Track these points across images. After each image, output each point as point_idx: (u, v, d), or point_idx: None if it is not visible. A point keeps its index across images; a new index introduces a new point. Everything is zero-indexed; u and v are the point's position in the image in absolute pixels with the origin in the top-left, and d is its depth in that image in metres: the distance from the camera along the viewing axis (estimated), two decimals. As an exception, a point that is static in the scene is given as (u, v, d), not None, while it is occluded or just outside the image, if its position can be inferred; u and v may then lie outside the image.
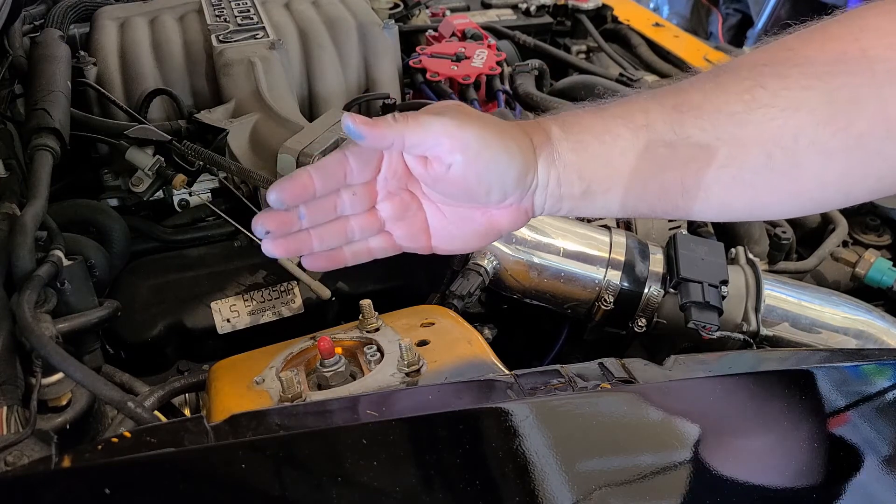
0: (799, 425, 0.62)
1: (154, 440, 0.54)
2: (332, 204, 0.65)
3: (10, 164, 1.01)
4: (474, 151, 0.61)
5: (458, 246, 0.70)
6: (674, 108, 0.61)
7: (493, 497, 0.53)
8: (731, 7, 3.70)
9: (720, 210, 0.64)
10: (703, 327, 0.88)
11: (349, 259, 0.68)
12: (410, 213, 0.67)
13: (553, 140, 0.64)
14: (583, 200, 0.65)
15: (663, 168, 0.61)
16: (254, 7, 1.35)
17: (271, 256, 0.65)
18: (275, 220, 0.63)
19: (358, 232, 0.67)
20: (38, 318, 0.73)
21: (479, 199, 0.64)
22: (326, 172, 0.63)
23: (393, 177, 0.66)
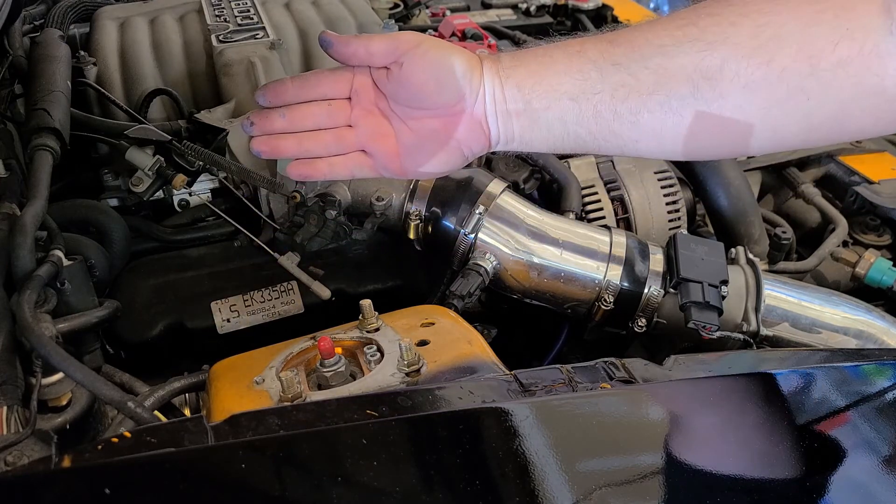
0: (798, 425, 0.62)
1: (154, 440, 0.54)
2: (309, 111, 0.73)
3: (10, 164, 1.01)
4: (423, 48, 0.69)
5: (425, 163, 0.74)
6: (608, 42, 0.67)
7: (493, 497, 0.53)
8: (731, 7, 3.70)
9: (655, 140, 0.67)
10: (703, 327, 0.88)
11: (326, 169, 0.74)
12: (382, 129, 0.73)
13: (499, 58, 0.71)
14: (528, 119, 0.69)
15: (595, 90, 0.66)
16: (254, 7, 1.35)
17: (257, 154, 0.74)
18: (258, 114, 0.73)
19: (333, 143, 0.73)
20: (38, 318, 0.73)
21: (432, 95, 0.70)
22: (304, 81, 0.73)
23: (363, 91, 0.72)
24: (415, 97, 0.70)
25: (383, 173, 0.75)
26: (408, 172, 0.75)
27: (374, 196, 0.96)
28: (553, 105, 0.68)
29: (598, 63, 0.66)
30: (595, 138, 0.68)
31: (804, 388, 0.65)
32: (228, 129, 1.03)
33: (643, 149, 0.69)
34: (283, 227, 0.95)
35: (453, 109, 0.71)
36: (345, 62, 0.72)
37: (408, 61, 0.69)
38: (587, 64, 0.66)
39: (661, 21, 0.66)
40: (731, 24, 0.61)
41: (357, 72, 0.72)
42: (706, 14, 0.62)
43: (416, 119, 0.72)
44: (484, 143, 0.72)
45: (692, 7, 0.65)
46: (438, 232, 0.97)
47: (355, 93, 0.72)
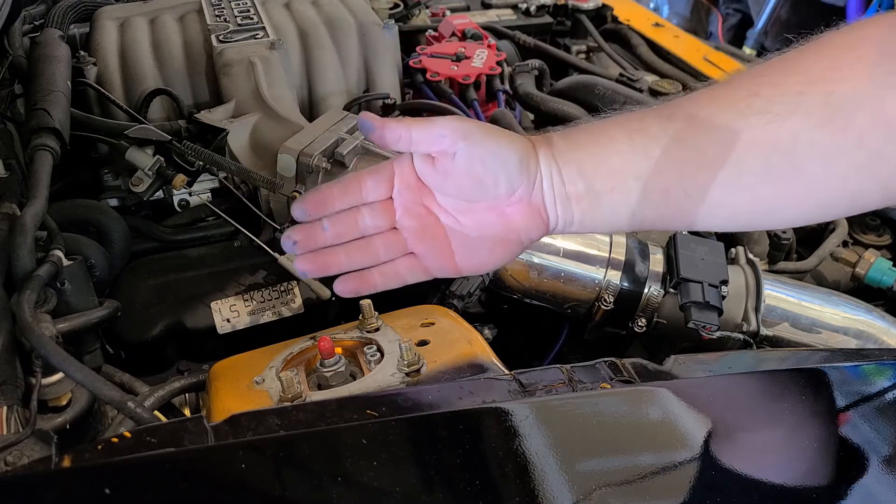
0: (799, 425, 0.62)
1: (154, 440, 0.54)
2: (354, 219, 0.68)
3: (10, 164, 1.01)
4: (476, 138, 0.64)
5: (482, 259, 0.70)
6: (668, 118, 0.63)
7: (493, 497, 0.53)
8: (731, 7, 3.70)
9: (726, 216, 0.64)
10: (703, 327, 0.88)
11: (379, 282, 0.69)
12: (430, 227, 0.69)
13: (552, 140, 0.67)
14: (590, 203, 0.65)
15: (661, 169, 0.62)
16: (254, 7, 1.35)
17: (303, 275, 0.70)
18: (300, 231, 0.68)
19: (383, 250, 0.69)
20: (38, 318, 0.73)
21: (488, 189, 0.66)
22: (344, 186, 0.69)
23: (407, 189, 0.68)
24: (467, 190, 0.66)
25: (438, 274, 0.70)
26: (464, 271, 0.70)
27: (374, 196, 0.96)
28: (618, 186, 0.64)
29: (662, 140, 0.62)
30: (663, 218, 0.65)
31: (804, 388, 0.65)
32: (228, 129, 1.03)
33: (715, 224, 0.66)
34: (283, 227, 0.95)
35: (510, 200, 0.66)
36: (387, 147, 0.67)
37: (460, 152, 0.64)
38: (650, 141, 0.62)
39: (717, 91, 0.63)
40: (797, 93, 0.58)
41: (398, 167, 0.68)
42: (767, 84, 0.60)
43: (469, 213, 0.67)
44: (543, 229, 0.68)
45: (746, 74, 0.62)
46: (438, 232, 0.97)
47: (398, 191, 0.68)
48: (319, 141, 0.93)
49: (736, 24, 3.67)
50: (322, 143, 0.92)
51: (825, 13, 3.27)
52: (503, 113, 1.28)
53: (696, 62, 1.58)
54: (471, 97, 1.33)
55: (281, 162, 0.93)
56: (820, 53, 0.59)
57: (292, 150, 0.92)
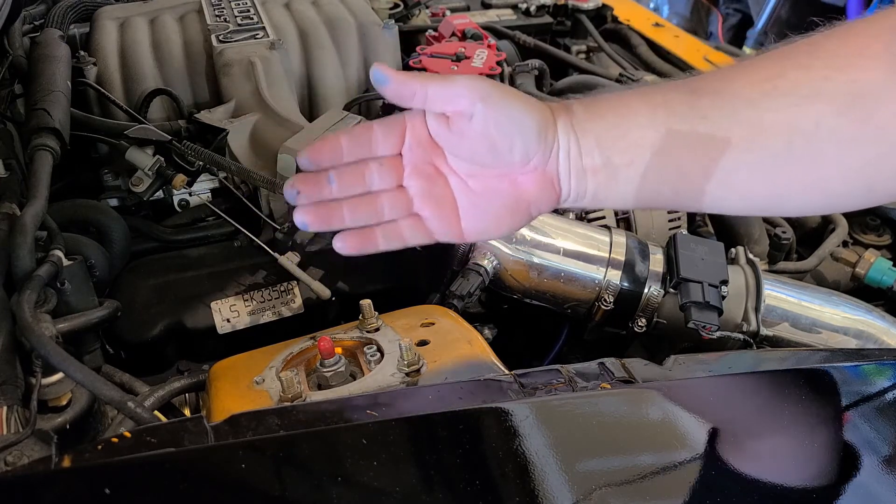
0: (799, 425, 0.62)
1: (154, 440, 0.54)
2: (361, 174, 0.65)
3: (10, 164, 1.01)
4: (494, 100, 0.62)
5: (489, 225, 0.67)
6: (692, 92, 0.62)
7: (493, 497, 0.53)
8: (731, 7, 3.70)
9: (743, 199, 0.63)
10: (703, 327, 0.88)
11: (381, 242, 0.66)
12: (437, 189, 0.66)
13: (572, 109, 0.65)
14: (605, 176, 0.63)
15: (682, 146, 0.61)
16: (254, 7, 1.35)
17: (304, 228, 0.65)
18: (305, 181, 0.64)
19: (387, 208, 0.66)
20: (38, 318, 0.73)
21: (503, 154, 0.63)
22: (354, 137, 0.65)
23: (418, 146, 0.65)
24: (481, 154, 0.64)
25: (442, 239, 0.67)
26: (469, 237, 0.67)
27: (374, 196, 0.96)
28: (636, 161, 0.62)
29: (686, 116, 0.60)
30: (679, 196, 0.64)
31: (804, 388, 0.65)
32: (228, 129, 1.03)
33: (728, 206, 0.65)
34: (283, 227, 0.95)
35: (524, 168, 0.64)
36: (400, 102, 0.64)
37: (477, 114, 0.61)
38: (672, 116, 0.61)
39: (743, 69, 0.61)
40: (824, 77, 0.57)
41: (410, 121, 0.65)
42: (794, 66, 0.59)
43: (480, 177, 0.65)
44: (553, 200, 0.66)
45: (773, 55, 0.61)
46: (438, 232, 0.97)
47: (408, 148, 0.65)
48: (319, 141, 0.93)
49: (736, 24, 3.67)
50: (322, 143, 0.92)
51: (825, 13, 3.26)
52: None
53: (696, 62, 1.58)
54: (471, 97, 1.32)
55: (281, 162, 0.93)
56: (846, 40, 0.59)
57: (292, 150, 0.92)
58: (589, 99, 0.66)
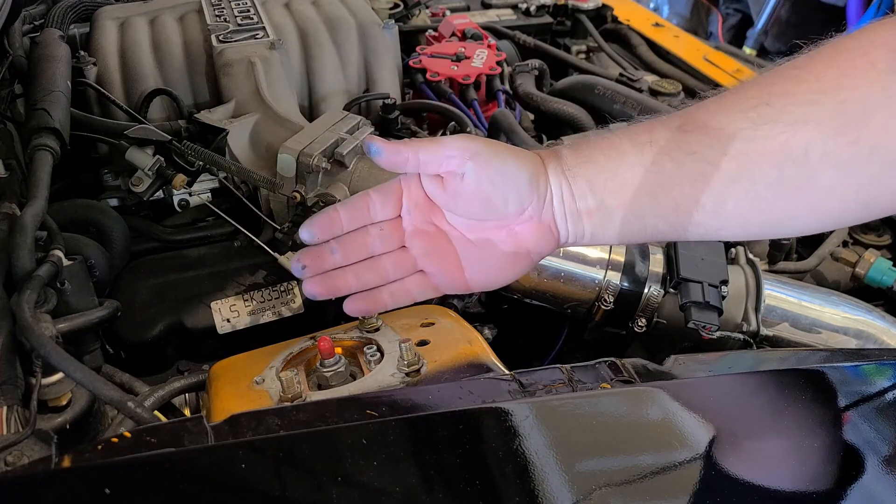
0: (799, 425, 0.62)
1: (154, 440, 0.54)
2: (362, 240, 0.68)
3: (10, 164, 1.01)
4: (484, 157, 0.64)
5: (493, 275, 0.69)
6: (678, 129, 0.62)
7: (493, 497, 0.53)
8: (731, 7, 3.71)
9: (740, 226, 0.63)
10: (703, 327, 0.88)
11: (388, 301, 0.69)
12: (439, 245, 0.68)
13: (561, 155, 0.66)
14: (601, 218, 0.65)
15: (673, 182, 0.61)
16: (254, 7, 1.35)
17: (312, 297, 0.68)
18: (309, 254, 0.67)
19: (392, 269, 0.68)
20: (38, 318, 0.73)
21: (498, 209, 0.65)
22: (352, 206, 0.68)
23: (415, 208, 0.68)
24: (477, 210, 0.66)
25: (447, 291, 0.70)
26: (474, 287, 0.69)
27: (374, 196, 0.96)
28: (629, 201, 0.63)
29: (673, 153, 0.61)
30: (675, 229, 0.64)
31: (804, 388, 0.65)
32: (228, 129, 1.03)
33: (726, 235, 0.65)
34: (283, 227, 0.95)
35: (520, 218, 0.66)
36: (394, 170, 0.66)
37: (468, 172, 0.64)
38: (661, 155, 0.62)
39: (728, 100, 0.61)
40: (809, 102, 0.57)
41: (406, 186, 0.68)
42: (778, 93, 0.59)
43: (479, 231, 0.67)
44: (553, 244, 0.68)
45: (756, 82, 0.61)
46: (438, 232, 0.97)
47: (407, 210, 0.68)
48: (319, 141, 0.93)
49: (736, 24, 3.67)
50: (322, 143, 0.92)
51: (825, 13, 3.28)
52: (503, 113, 1.28)
53: (696, 62, 1.58)
54: (471, 97, 1.33)
55: (281, 162, 0.93)
56: (831, 59, 0.58)
57: (292, 150, 0.92)
58: (577, 142, 0.67)
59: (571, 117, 1.32)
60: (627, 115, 1.31)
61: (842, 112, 0.56)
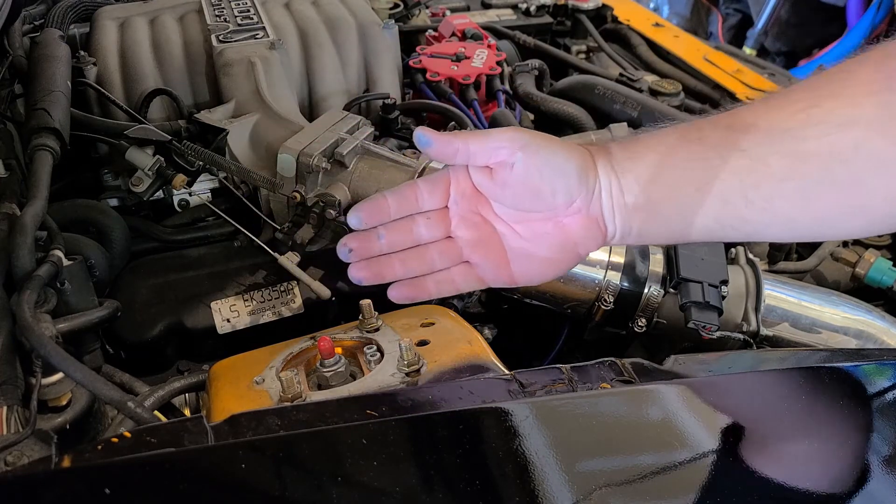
0: (798, 425, 0.62)
1: (154, 440, 0.54)
2: (409, 228, 0.69)
3: (10, 164, 1.01)
4: (533, 148, 0.64)
5: (539, 268, 0.69)
6: (727, 127, 0.62)
7: (493, 497, 0.53)
8: (731, 7, 3.71)
9: (785, 225, 0.63)
10: (703, 327, 0.88)
11: (433, 290, 0.70)
12: (485, 236, 0.69)
13: (609, 150, 0.67)
14: (649, 214, 0.65)
15: (721, 180, 0.62)
16: (254, 7, 1.35)
17: (358, 282, 0.69)
18: (356, 239, 0.68)
19: (438, 258, 0.69)
20: (38, 318, 0.73)
21: (546, 198, 0.65)
22: (400, 195, 0.69)
23: (462, 198, 0.68)
24: (525, 201, 0.66)
25: (493, 284, 0.70)
26: (519, 280, 0.70)
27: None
28: (677, 196, 0.64)
29: (722, 150, 0.62)
30: (722, 226, 0.64)
31: (804, 388, 0.65)
32: (228, 129, 1.03)
33: (773, 234, 0.66)
34: (283, 227, 0.95)
35: (568, 210, 0.66)
36: (444, 161, 0.67)
37: (518, 163, 0.64)
38: (710, 151, 0.62)
39: (775, 102, 0.62)
40: (857, 104, 0.57)
41: (454, 176, 0.68)
42: (827, 95, 0.59)
43: (526, 223, 0.67)
44: (600, 240, 0.68)
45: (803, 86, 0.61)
46: (438, 232, 0.97)
47: (454, 201, 0.69)
48: (319, 141, 0.93)
49: (736, 24, 3.67)
50: (322, 143, 0.92)
51: (825, 13, 3.28)
52: (503, 113, 1.28)
53: (696, 62, 1.58)
54: (471, 97, 1.33)
55: (281, 162, 0.93)
56: (880, 64, 0.58)
57: (292, 150, 0.92)
58: (626, 140, 0.68)
59: (571, 117, 1.32)
60: (627, 115, 1.31)
61: (888, 114, 0.56)
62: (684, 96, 1.43)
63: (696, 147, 0.63)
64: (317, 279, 0.95)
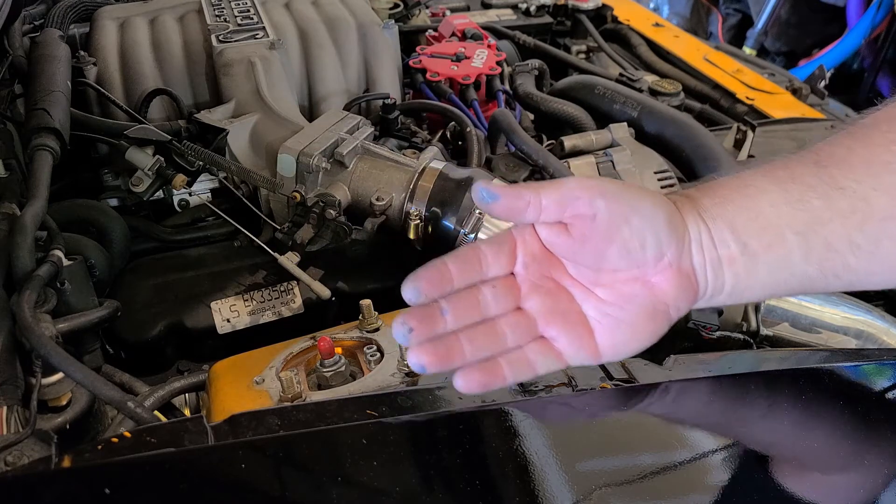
0: (798, 425, 0.62)
1: (154, 440, 0.54)
2: (475, 300, 0.58)
3: (10, 164, 1.01)
4: (614, 193, 0.57)
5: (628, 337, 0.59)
6: (816, 164, 0.57)
7: (493, 497, 0.53)
8: (731, 7, 3.71)
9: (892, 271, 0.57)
10: (703, 327, 0.88)
11: (508, 374, 0.57)
12: (562, 304, 0.59)
13: (693, 198, 0.59)
14: (744, 265, 0.58)
15: (823, 221, 0.56)
16: (254, 7, 1.35)
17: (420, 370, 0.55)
18: (416, 315, 0.55)
19: (510, 334, 0.58)
20: (38, 318, 0.73)
21: (635, 253, 0.57)
22: (462, 259, 0.58)
23: (532, 261, 0.59)
24: (610, 257, 0.57)
25: (575, 362, 0.58)
26: (606, 355, 0.59)
27: (374, 196, 0.96)
28: (776, 243, 0.56)
29: (819, 189, 0.55)
30: (825, 276, 0.57)
31: (804, 388, 0.65)
32: (228, 129, 1.03)
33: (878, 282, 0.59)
34: (283, 227, 0.95)
35: (658, 266, 0.57)
36: (511, 218, 0.57)
37: (601, 212, 0.56)
38: (807, 191, 0.56)
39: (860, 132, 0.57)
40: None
41: (519, 236, 0.59)
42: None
43: (608, 285, 0.58)
44: (693, 298, 0.59)
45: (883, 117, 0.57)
46: (438, 232, 0.97)
47: (522, 265, 0.58)
48: (319, 141, 0.93)
49: (736, 24, 3.67)
50: (322, 143, 0.92)
51: (825, 13, 3.28)
52: (503, 113, 1.28)
53: (696, 62, 1.58)
54: (471, 97, 1.33)
55: (281, 162, 0.93)
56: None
57: (292, 150, 0.92)
58: (709, 184, 0.60)
59: (571, 117, 1.32)
60: (627, 115, 1.31)
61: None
62: (684, 96, 1.43)
63: (791, 186, 0.56)
64: (317, 279, 0.95)
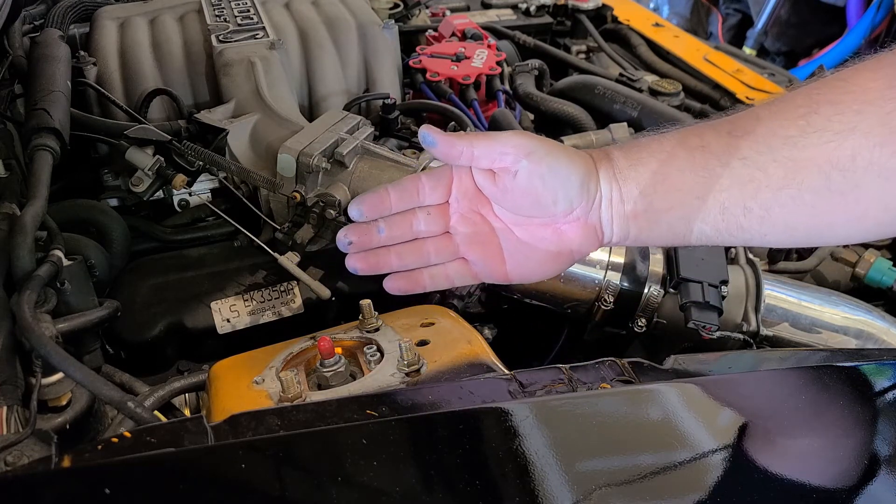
0: (798, 425, 0.62)
1: (154, 440, 0.54)
2: (409, 222, 0.70)
3: (10, 164, 1.01)
4: (538, 156, 0.65)
5: (533, 269, 0.71)
6: (728, 133, 0.63)
7: (493, 497, 0.53)
8: (731, 7, 3.71)
9: (786, 233, 0.63)
10: (703, 327, 0.88)
11: (428, 283, 0.71)
12: (483, 235, 0.70)
13: (612, 157, 0.67)
14: (647, 220, 0.66)
15: (722, 187, 0.62)
16: (254, 7, 1.35)
17: (354, 271, 0.70)
18: (356, 231, 0.70)
19: (434, 253, 0.71)
20: (38, 318, 0.73)
21: (547, 207, 0.66)
22: (402, 189, 0.70)
23: (464, 197, 0.70)
24: (526, 207, 0.67)
25: (486, 280, 0.72)
26: (513, 279, 0.71)
27: (374, 196, 0.96)
28: (677, 205, 0.64)
29: (724, 158, 0.62)
30: (720, 233, 0.64)
31: (804, 388, 0.65)
32: (228, 129, 1.03)
33: (771, 241, 0.65)
34: (283, 227, 0.95)
35: (567, 218, 0.67)
36: (448, 162, 0.69)
37: (522, 170, 0.65)
38: (712, 160, 0.62)
39: (775, 107, 0.62)
40: (855, 112, 0.57)
41: (457, 174, 0.70)
42: (826, 102, 0.59)
43: (524, 226, 0.69)
44: (595, 245, 0.69)
45: (803, 91, 0.61)
46: (438, 232, 0.97)
47: (455, 198, 0.70)
48: (319, 141, 0.93)
49: (736, 24, 3.67)
50: (322, 143, 0.92)
51: (825, 13, 3.28)
52: (503, 113, 1.28)
53: (696, 62, 1.58)
54: (471, 97, 1.33)
55: (281, 162, 0.93)
56: (876, 72, 0.59)
57: (292, 150, 0.92)
58: (628, 145, 0.68)
59: (571, 117, 1.32)
60: (627, 115, 1.31)
61: (887, 123, 0.56)
62: (684, 96, 1.43)
63: (698, 155, 0.63)
64: (317, 279, 0.95)
